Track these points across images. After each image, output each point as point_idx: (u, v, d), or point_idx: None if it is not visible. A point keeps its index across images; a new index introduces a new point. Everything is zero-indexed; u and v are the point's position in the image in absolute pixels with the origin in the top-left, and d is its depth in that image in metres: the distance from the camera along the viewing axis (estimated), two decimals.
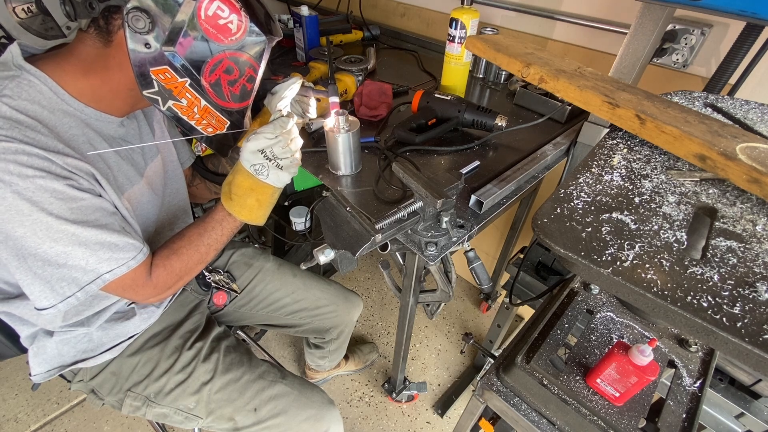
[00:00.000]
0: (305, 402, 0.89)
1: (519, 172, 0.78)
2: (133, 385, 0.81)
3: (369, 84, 0.96)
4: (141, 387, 0.81)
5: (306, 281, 1.11)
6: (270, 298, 1.06)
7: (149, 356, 0.82)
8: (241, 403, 0.84)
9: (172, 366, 0.82)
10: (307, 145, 0.88)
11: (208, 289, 0.98)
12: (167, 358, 0.83)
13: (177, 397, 0.82)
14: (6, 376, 1.53)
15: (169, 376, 0.82)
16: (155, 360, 0.82)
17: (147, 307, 0.82)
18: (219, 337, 0.92)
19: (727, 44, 0.74)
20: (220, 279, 1.00)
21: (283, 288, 1.07)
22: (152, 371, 0.82)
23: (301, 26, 1.18)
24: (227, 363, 0.87)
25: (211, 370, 0.84)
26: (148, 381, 0.81)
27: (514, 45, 0.82)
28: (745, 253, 0.44)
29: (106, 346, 0.79)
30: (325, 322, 1.15)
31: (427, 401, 1.50)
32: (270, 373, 0.89)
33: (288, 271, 1.10)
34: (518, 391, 0.66)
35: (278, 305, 1.07)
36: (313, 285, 1.11)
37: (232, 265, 1.05)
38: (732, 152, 0.52)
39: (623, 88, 0.67)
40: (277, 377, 0.89)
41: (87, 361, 0.78)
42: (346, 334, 1.28)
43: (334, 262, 0.76)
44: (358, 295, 1.22)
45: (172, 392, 0.82)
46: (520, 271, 1.08)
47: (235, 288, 1.01)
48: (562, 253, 0.45)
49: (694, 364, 0.68)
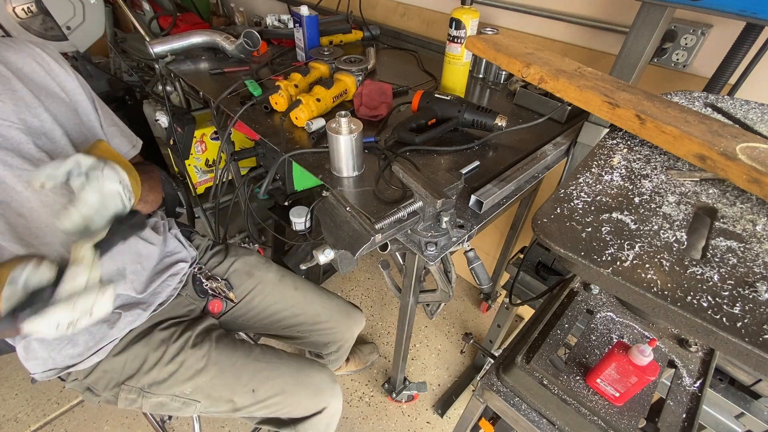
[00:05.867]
0: (304, 379, 0.89)
1: (519, 172, 0.78)
2: (126, 378, 0.81)
3: (369, 84, 0.96)
4: (134, 380, 0.81)
5: (307, 295, 1.08)
6: (268, 310, 1.04)
7: (136, 352, 0.81)
8: (238, 386, 0.84)
9: (161, 357, 0.82)
10: (306, 146, 0.88)
11: (205, 296, 0.97)
12: (154, 350, 0.82)
13: (171, 385, 0.81)
14: (6, 376, 1.53)
15: (160, 367, 0.81)
16: (143, 354, 0.81)
17: (133, 309, 0.81)
18: (209, 329, 0.90)
19: (727, 44, 0.74)
20: (218, 287, 0.98)
21: (282, 301, 1.04)
22: (142, 365, 0.81)
23: (301, 26, 1.18)
24: (221, 348, 0.86)
25: (204, 356, 0.83)
26: (139, 374, 0.81)
27: (514, 45, 0.82)
28: (745, 253, 0.44)
29: (92, 350, 0.78)
30: (323, 336, 1.12)
31: (427, 401, 1.50)
32: (266, 354, 0.89)
33: (290, 283, 1.07)
34: (518, 391, 0.66)
35: (276, 318, 1.04)
36: (314, 299, 1.08)
37: (233, 274, 1.02)
38: (732, 152, 0.52)
39: (623, 88, 0.67)
40: (273, 358, 0.89)
41: (77, 365, 0.78)
42: (346, 348, 1.25)
43: (334, 262, 0.76)
44: (360, 310, 1.19)
45: (165, 381, 0.81)
46: (520, 271, 1.08)
47: (232, 297, 0.99)
48: (562, 253, 0.45)
49: (694, 364, 0.68)
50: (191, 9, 1.92)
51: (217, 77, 1.18)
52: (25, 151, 0.66)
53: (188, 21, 1.73)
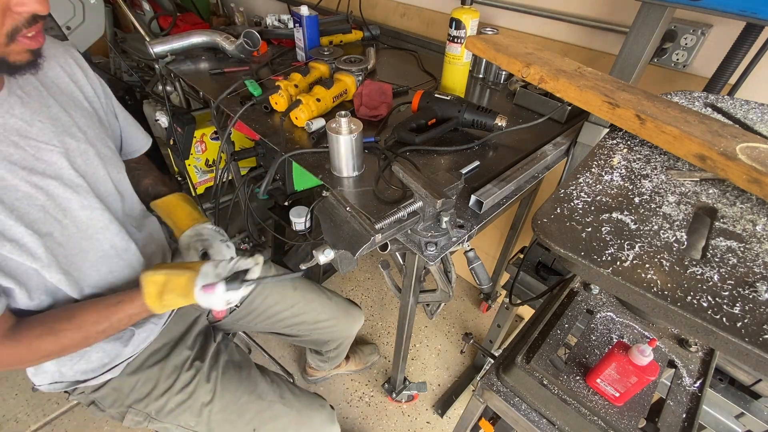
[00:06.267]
0: (305, 422, 0.89)
1: (519, 172, 0.78)
2: (134, 402, 0.80)
3: (369, 84, 0.96)
4: (142, 404, 0.80)
5: (306, 295, 1.08)
6: (269, 311, 1.04)
7: (149, 375, 0.80)
8: (240, 425, 0.84)
9: (172, 386, 0.81)
10: (306, 146, 0.88)
11: None
12: (167, 377, 0.81)
13: (178, 415, 0.81)
14: (6, 376, 1.53)
15: (169, 395, 0.81)
16: (155, 379, 0.81)
17: (145, 324, 0.80)
18: (218, 351, 0.90)
19: (727, 44, 0.74)
20: None
21: (282, 302, 1.05)
22: (152, 390, 0.80)
23: (301, 26, 1.18)
24: (226, 381, 0.85)
25: (211, 390, 0.83)
26: (148, 399, 0.80)
27: (514, 45, 0.82)
28: (745, 253, 0.44)
29: (106, 367, 0.77)
30: (324, 335, 1.13)
31: (427, 401, 1.50)
32: (269, 393, 0.89)
33: (288, 283, 1.07)
34: (518, 391, 0.66)
35: (277, 318, 1.05)
36: (313, 299, 1.09)
37: None
38: (732, 152, 0.52)
39: (623, 88, 0.67)
40: (276, 396, 0.89)
41: (87, 382, 0.77)
42: (346, 345, 1.26)
43: (334, 262, 0.75)
44: (359, 308, 1.20)
45: (173, 411, 0.81)
46: (520, 271, 1.08)
47: None
48: (562, 253, 0.45)
49: (694, 364, 0.68)
50: (191, 9, 1.92)
51: (217, 77, 1.18)
52: (66, 178, 0.63)
53: (188, 21, 1.73)
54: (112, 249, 0.70)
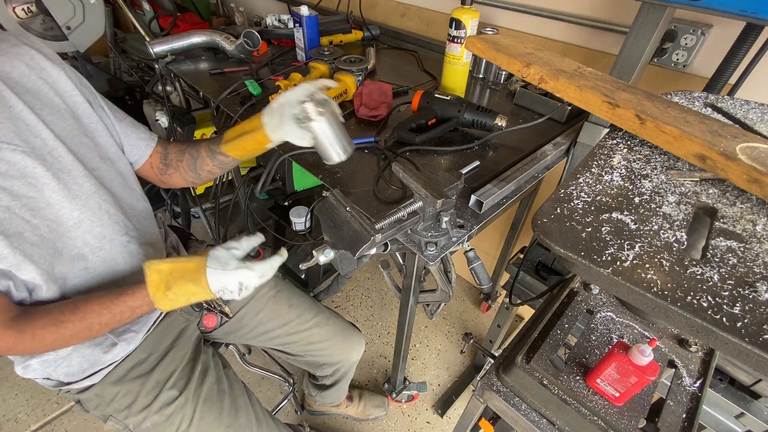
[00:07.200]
0: None
1: (519, 172, 0.78)
2: (114, 411, 0.78)
3: (369, 84, 0.96)
4: (122, 415, 0.78)
5: (302, 314, 1.01)
6: (260, 328, 0.99)
7: (129, 388, 0.78)
8: None
9: (152, 403, 0.78)
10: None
11: (200, 309, 0.93)
12: (147, 393, 0.79)
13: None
14: (6, 376, 1.53)
15: (147, 413, 0.78)
16: (135, 393, 0.78)
17: (126, 333, 0.77)
18: (206, 369, 0.87)
19: (727, 44, 0.74)
20: (213, 300, 0.92)
21: (276, 318, 0.99)
22: (132, 404, 0.78)
23: (301, 26, 1.18)
24: (206, 411, 0.82)
25: (189, 418, 0.80)
26: (127, 412, 0.78)
27: (514, 45, 0.82)
28: (745, 253, 0.44)
29: (86, 372, 0.75)
30: (318, 357, 1.07)
31: (427, 401, 1.50)
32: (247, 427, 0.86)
33: (284, 300, 1.01)
34: (518, 391, 0.66)
35: (268, 336, 1.00)
36: (309, 319, 1.02)
37: None
38: (732, 152, 0.52)
39: (623, 88, 0.67)
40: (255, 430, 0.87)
41: (71, 385, 0.76)
42: (342, 373, 1.17)
43: (334, 262, 0.76)
44: (359, 333, 1.12)
45: (149, 430, 0.79)
46: (520, 271, 1.08)
47: (227, 311, 0.95)
48: (562, 253, 0.45)
49: (694, 364, 0.68)
50: (191, 9, 1.92)
51: (217, 77, 1.18)
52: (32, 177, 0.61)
53: (188, 21, 1.73)
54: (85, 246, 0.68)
